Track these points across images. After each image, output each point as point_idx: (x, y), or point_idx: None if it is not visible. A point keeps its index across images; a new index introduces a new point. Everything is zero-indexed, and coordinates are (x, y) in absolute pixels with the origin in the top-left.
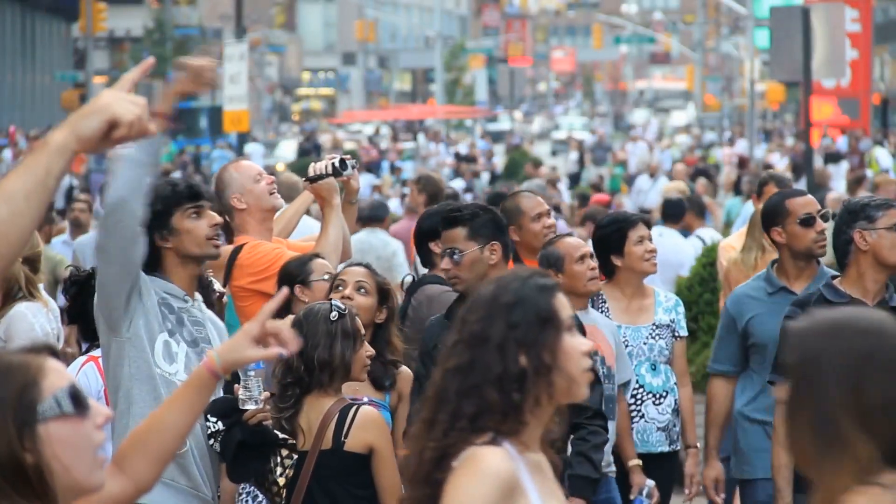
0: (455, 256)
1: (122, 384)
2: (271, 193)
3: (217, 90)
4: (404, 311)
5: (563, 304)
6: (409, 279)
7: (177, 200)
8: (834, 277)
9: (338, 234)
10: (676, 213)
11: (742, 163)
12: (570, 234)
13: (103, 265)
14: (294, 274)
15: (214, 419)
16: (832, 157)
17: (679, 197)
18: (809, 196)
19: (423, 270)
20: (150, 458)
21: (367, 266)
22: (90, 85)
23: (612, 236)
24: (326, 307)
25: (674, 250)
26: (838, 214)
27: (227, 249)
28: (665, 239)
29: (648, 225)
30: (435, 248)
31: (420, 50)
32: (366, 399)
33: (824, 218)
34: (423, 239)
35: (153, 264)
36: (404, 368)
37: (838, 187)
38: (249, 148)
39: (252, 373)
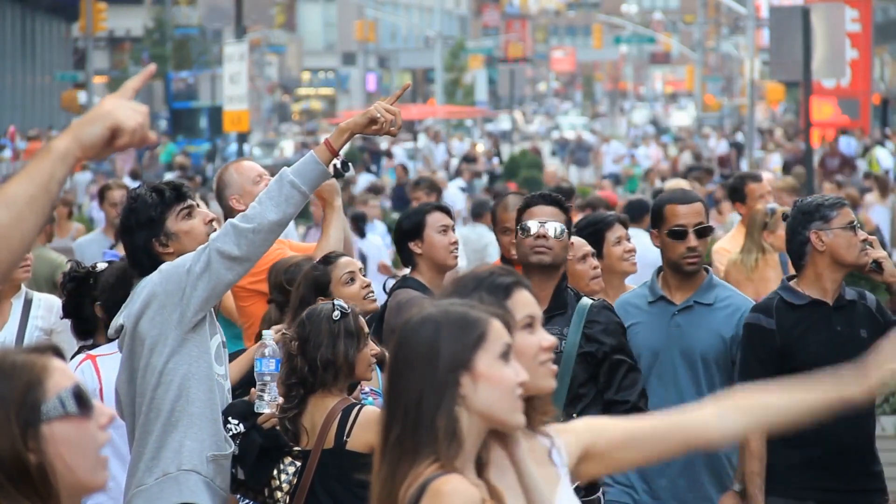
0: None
1: (173, 380)
2: None
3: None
4: (381, 314)
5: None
6: (391, 282)
7: (167, 204)
8: (791, 279)
9: (339, 235)
10: (639, 213)
11: (721, 162)
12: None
13: (228, 272)
14: (322, 282)
15: (236, 421)
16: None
17: (641, 198)
18: (696, 205)
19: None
20: None
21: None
22: (90, 85)
23: (589, 238)
24: (329, 307)
25: (648, 250)
26: (791, 216)
27: None
28: (636, 240)
29: (625, 225)
30: (415, 248)
31: (420, 50)
32: (368, 389)
33: (702, 233)
34: (404, 238)
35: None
36: None
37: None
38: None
39: (268, 377)
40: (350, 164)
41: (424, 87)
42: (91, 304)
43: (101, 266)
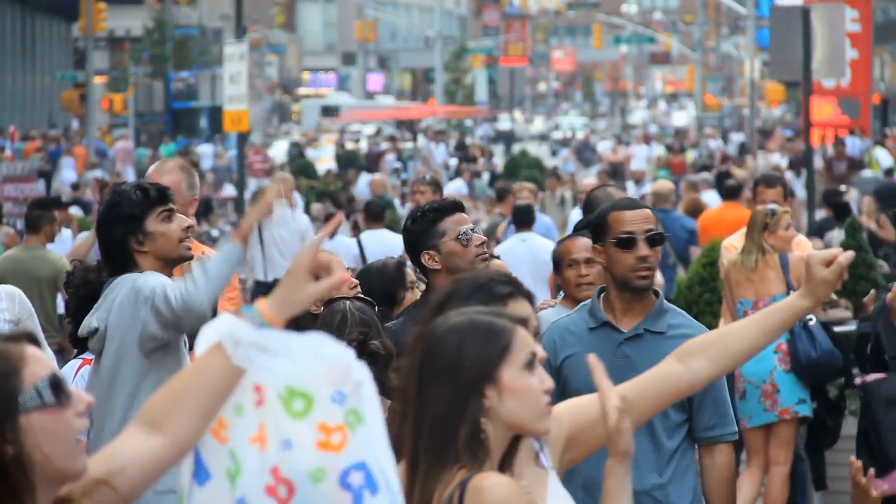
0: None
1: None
2: None
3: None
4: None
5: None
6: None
7: (150, 204)
8: None
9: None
10: (528, 218)
11: (723, 160)
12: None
13: (163, 331)
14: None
15: None
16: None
17: (527, 203)
18: (644, 211)
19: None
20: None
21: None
22: (90, 85)
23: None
24: (357, 304)
25: (543, 249)
26: None
27: None
28: (530, 242)
29: None
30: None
31: (420, 50)
32: None
33: (654, 241)
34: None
35: (128, 268)
36: None
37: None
38: (200, 148)
39: None
40: None
41: (424, 87)
42: (93, 304)
43: None
